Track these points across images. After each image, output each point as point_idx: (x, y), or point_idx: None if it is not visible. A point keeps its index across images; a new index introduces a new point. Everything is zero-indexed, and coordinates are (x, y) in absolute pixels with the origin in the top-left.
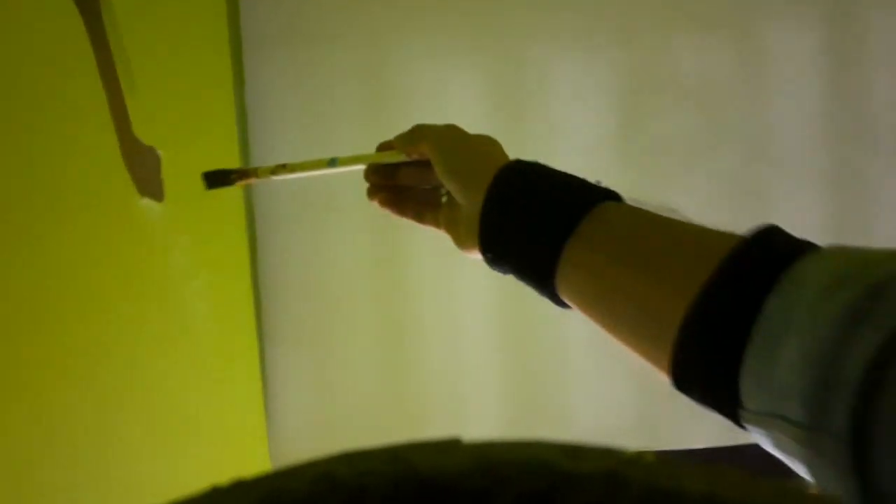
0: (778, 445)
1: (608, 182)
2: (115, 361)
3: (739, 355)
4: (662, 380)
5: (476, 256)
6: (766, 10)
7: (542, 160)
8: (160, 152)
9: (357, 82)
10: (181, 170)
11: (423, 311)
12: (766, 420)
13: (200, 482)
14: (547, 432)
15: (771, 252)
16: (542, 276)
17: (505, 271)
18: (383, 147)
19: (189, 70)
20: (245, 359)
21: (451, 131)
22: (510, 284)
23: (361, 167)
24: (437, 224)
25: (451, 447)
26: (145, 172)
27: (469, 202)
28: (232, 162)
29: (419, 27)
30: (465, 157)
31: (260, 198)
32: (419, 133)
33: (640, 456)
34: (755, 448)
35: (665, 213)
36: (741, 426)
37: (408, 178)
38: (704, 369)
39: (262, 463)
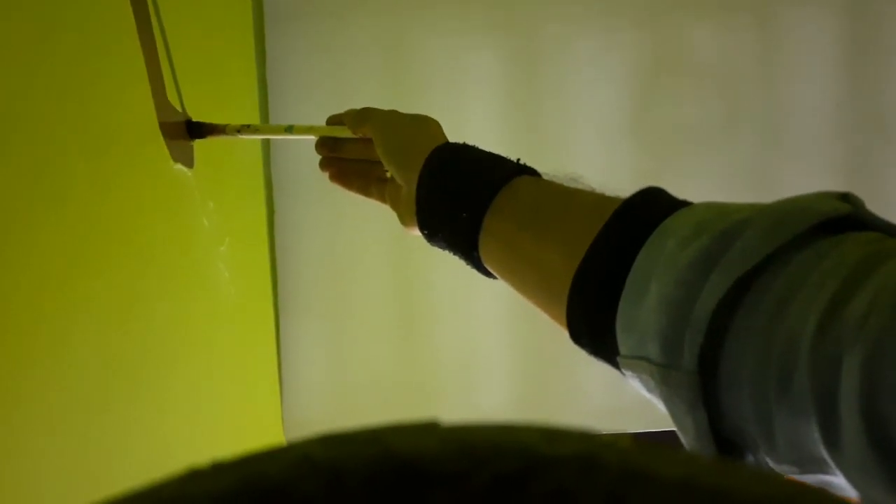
0: (646, 387)
1: (623, 165)
2: (142, 316)
3: (615, 305)
4: None
5: (417, 234)
6: None
7: (557, 139)
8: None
9: (376, 55)
10: (207, 140)
11: (437, 284)
12: (635, 363)
13: (212, 448)
14: (556, 408)
15: (649, 211)
16: (467, 248)
17: (441, 247)
18: (333, 120)
19: (213, 42)
20: (262, 327)
21: (393, 116)
22: None
23: (314, 138)
24: (382, 199)
25: (429, 430)
26: (181, 140)
27: (405, 183)
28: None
29: (440, 2)
30: (403, 140)
31: (278, 169)
32: (365, 115)
33: (616, 440)
34: None
35: (570, 184)
36: (623, 374)
37: (354, 152)
38: (589, 321)
39: (275, 431)
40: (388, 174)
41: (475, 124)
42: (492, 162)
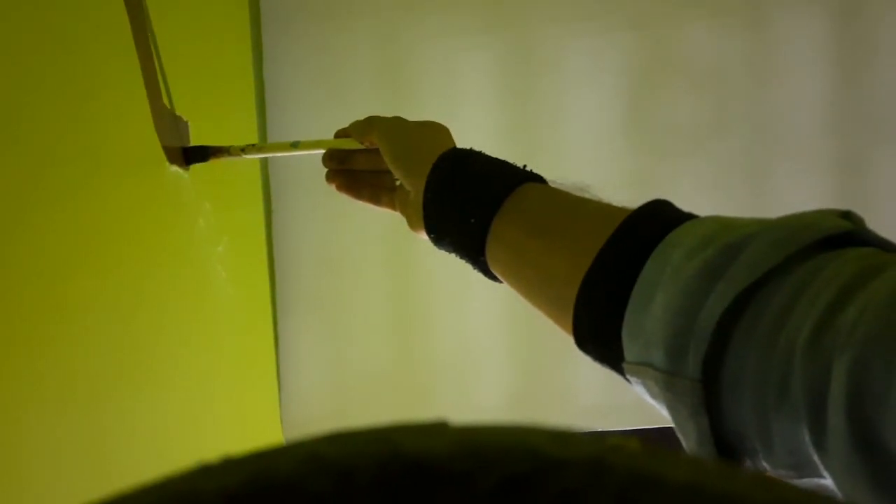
0: (650, 392)
1: (616, 165)
2: (141, 317)
3: (622, 312)
4: None
5: (425, 238)
6: None
7: (551, 140)
8: (188, 122)
9: (372, 57)
10: (203, 140)
11: (434, 284)
12: (640, 369)
13: (211, 447)
14: (551, 405)
15: (656, 222)
16: (474, 253)
17: (448, 250)
18: (340, 134)
19: (211, 45)
20: (260, 326)
21: (398, 122)
22: None
23: (321, 151)
24: (392, 206)
25: (437, 430)
26: (175, 142)
27: (413, 188)
28: (251, 134)
29: (434, 5)
30: (409, 145)
31: (275, 171)
32: (370, 123)
33: (625, 443)
34: None
35: (577, 192)
36: (628, 380)
37: (362, 163)
38: (595, 328)
39: (274, 429)
40: (398, 182)
41: (470, 125)
42: (499, 168)
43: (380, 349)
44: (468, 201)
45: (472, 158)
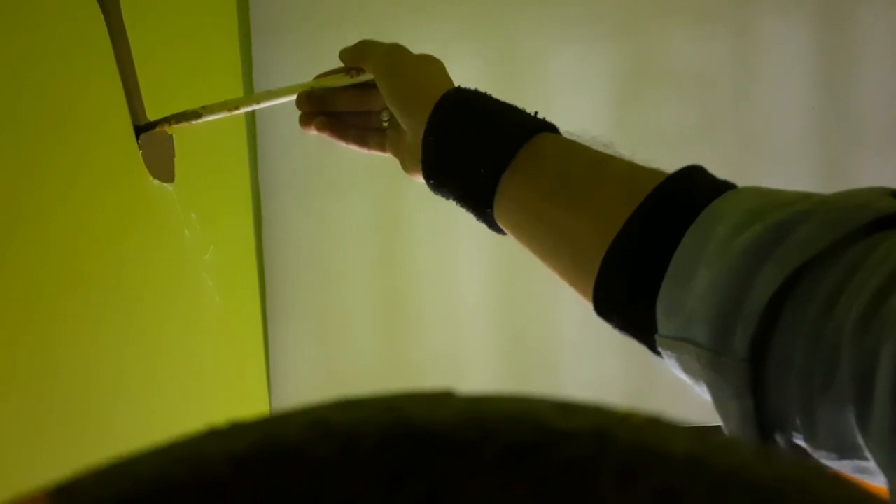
0: (686, 368)
1: None
2: (127, 330)
3: (657, 284)
4: (655, 357)
5: (421, 180)
6: (763, 4)
7: None
8: (173, 135)
9: None
10: (190, 150)
11: (422, 286)
12: (677, 344)
13: None
14: None
15: (693, 190)
16: (480, 206)
17: (447, 197)
18: (321, 77)
19: (199, 55)
20: (249, 332)
21: (397, 51)
22: (507, 259)
23: (292, 97)
24: (382, 149)
25: (443, 399)
26: (159, 156)
27: (410, 128)
28: (240, 144)
29: (422, 13)
30: (409, 80)
31: (265, 176)
32: (364, 49)
33: (629, 415)
34: None
35: (599, 147)
36: (656, 353)
37: (345, 103)
38: (625, 296)
39: None
40: (385, 122)
41: None
42: (510, 114)
43: (370, 352)
44: (475, 150)
45: (480, 100)
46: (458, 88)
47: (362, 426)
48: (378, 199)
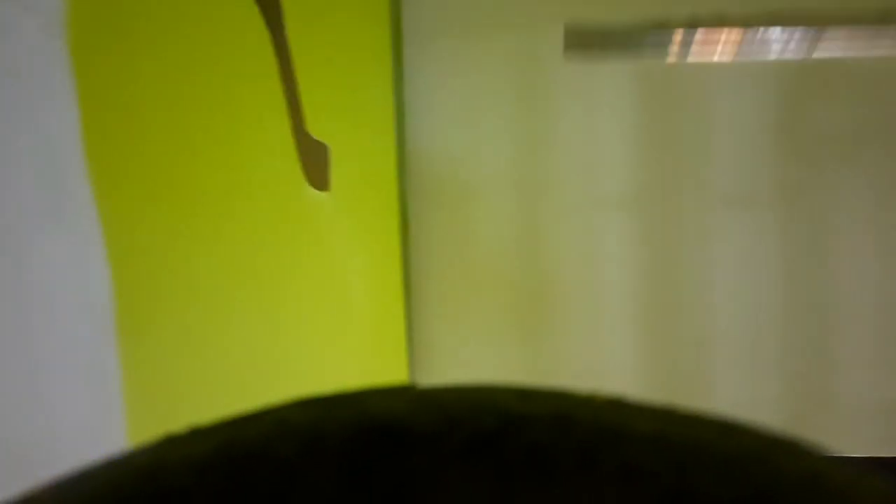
0: None
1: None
2: (283, 328)
3: None
4: (819, 379)
5: None
6: None
7: (700, 150)
8: (329, 146)
9: (509, 74)
10: (343, 160)
11: (564, 292)
12: None
13: None
14: None
15: None
16: None
17: None
18: None
19: (352, 68)
20: (394, 333)
21: None
22: (657, 268)
23: None
24: None
25: (404, 393)
26: (316, 165)
27: None
28: (388, 154)
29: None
30: None
31: (412, 185)
32: None
33: (591, 397)
34: None
35: None
36: None
37: None
38: None
39: None
40: None
41: (607, 138)
42: None
43: (508, 354)
44: None
45: None
46: None
47: (324, 424)
48: (520, 206)
